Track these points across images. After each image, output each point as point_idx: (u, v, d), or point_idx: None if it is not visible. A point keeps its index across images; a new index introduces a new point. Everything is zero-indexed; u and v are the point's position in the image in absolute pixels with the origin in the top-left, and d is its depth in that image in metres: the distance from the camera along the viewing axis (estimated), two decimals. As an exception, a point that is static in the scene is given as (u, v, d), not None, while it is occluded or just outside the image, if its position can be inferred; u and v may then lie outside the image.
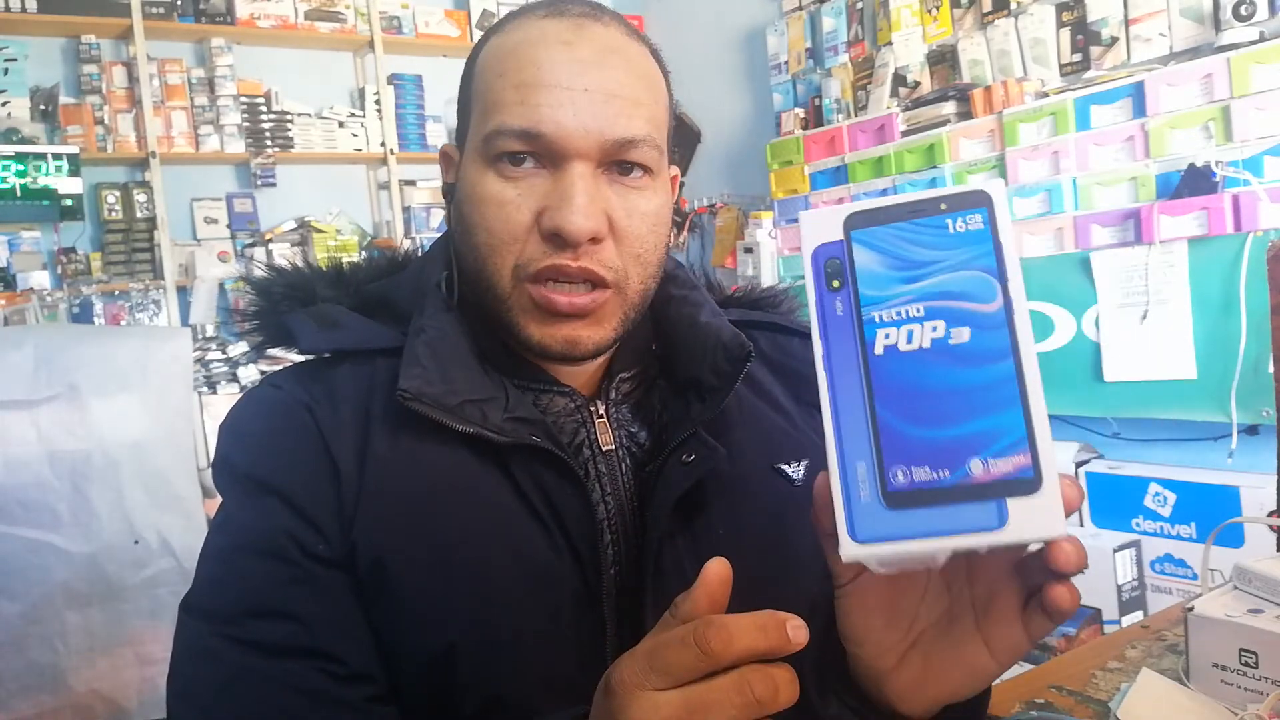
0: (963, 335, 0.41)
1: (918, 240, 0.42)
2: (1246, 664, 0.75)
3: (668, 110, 0.70)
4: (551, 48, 0.63)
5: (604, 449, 0.70)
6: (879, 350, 0.42)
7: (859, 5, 3.09)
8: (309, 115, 3.68)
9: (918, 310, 0.41)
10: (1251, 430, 2.11)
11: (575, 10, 0.66)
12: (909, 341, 0.41)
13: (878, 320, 0.42)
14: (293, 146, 3.62)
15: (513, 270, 0.65)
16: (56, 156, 3.08)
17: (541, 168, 0.64)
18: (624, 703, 0.42)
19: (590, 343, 0.66)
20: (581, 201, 0.62)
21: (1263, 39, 2.10)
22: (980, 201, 0.41)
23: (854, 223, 0.43)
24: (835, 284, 0.43)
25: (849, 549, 0.40)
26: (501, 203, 0.64)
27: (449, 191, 0.71)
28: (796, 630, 0.40)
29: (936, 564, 0.43)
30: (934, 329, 0.41)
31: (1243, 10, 2.12)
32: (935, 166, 2.70)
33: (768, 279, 3.19)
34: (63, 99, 3.23)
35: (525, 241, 0.64)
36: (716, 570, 0.44)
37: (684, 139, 3.62)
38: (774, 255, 3.24)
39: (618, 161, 0.65)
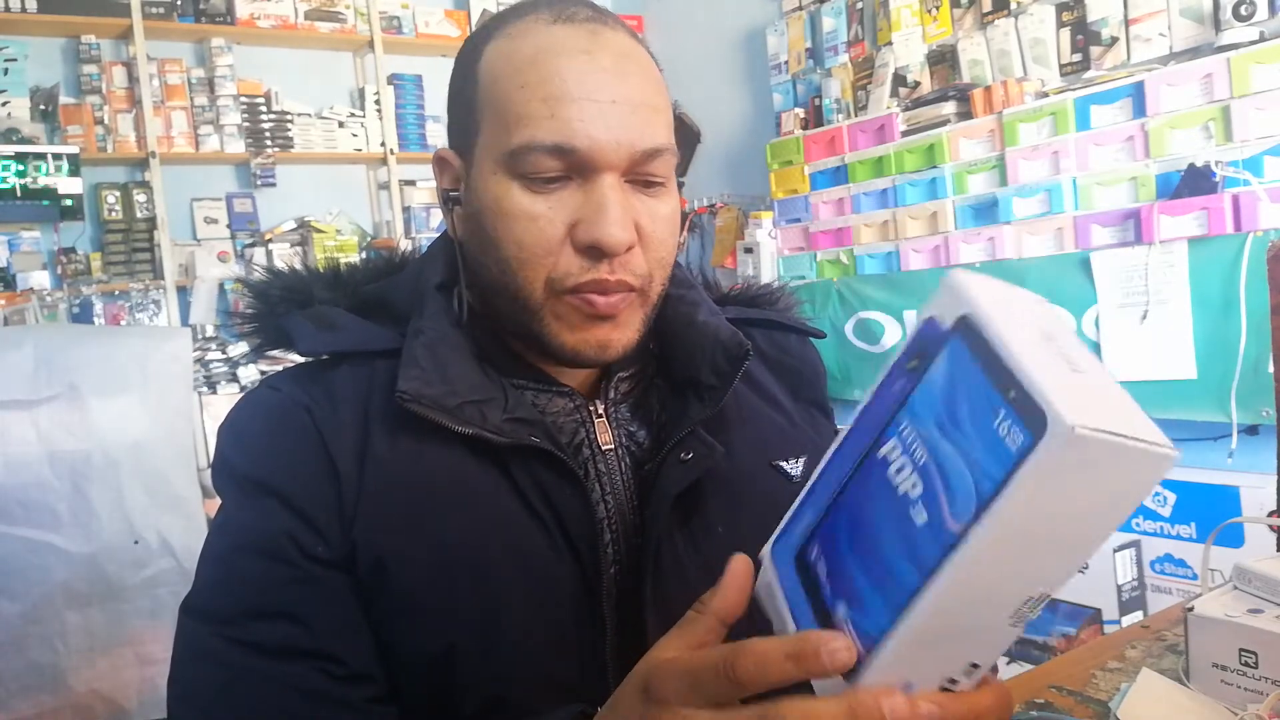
0: (920, 517, 0.37)
1: (973, 402, 0.36)
2: (1246, 664, 0.75)
3: (671, 110, 0.71)
4: (573, 57, 0.63)
5: (603, 448, 0.70)
6: (880, 454, 0.40)
7: (859, 5, 3.09)
8: (309, 115, 3.68)
9: (921, 457, 0.38)
10: (1251, 430, 2.11)
11: (582, 15, 0.65)
12: (895, 473, 0.39)
13: (900, 433, 0.39)
14: (293, 146, 3.62)
15: (546, 283, 0.64)
16: (56, 156, 3.08)
17: (570, 180, 0.64)
18: (661, 715, 0.43)
19: (620, 345, 0.67)
20: (617, 214, 0.62)
21: (1263, 39, 2.10)
22: (1034, 427, 0.32)
23: (966, 328, 0.37)
24: (912, 364, 0.40)
25: (765, 552, 0.46)
26: (533, 216, 0.63)
27: (449, 198, 0.71)
28: (835, 654, 0.38)
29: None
30: (914, 485, 0.38)
31: (1243, 10, 2.12)
32: (935, 166, 2.70)
33: (768, 279, 3.19)
34: (63, 99, 3.23)
35: (559, 255, 0.64)
36: (739, 567, 0.46)
37: (684, 139, 3.62)
38: (774, 255, 3.24)
39: (641, 169, 0.65)
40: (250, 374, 3.24)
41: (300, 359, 0.72)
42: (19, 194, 3.02)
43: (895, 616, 0.37)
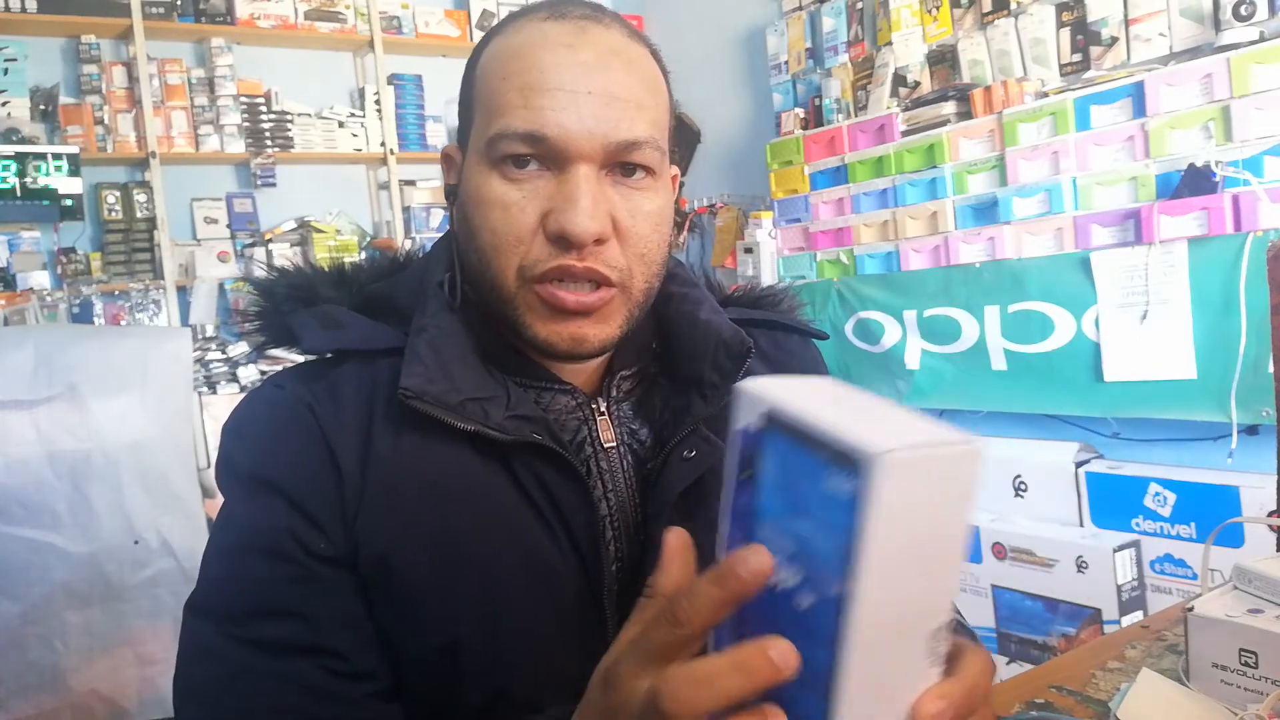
0: (806, 600, 0.37)
1: (804, 478, 0.37)
2: (1246, 664, 0.75)
3: (669, 111, 0.71)
4: (554, 50, 0.64)
5: (605, 446, 0.70)
6: None
7: (859, 5, 3.09)
8: (309, 115, 3.68)
9: (789, 545, 0.38)
10: (1251, 430, 2.11)
11: (576, 13, 0.66)
12: (774, 572, 0.38)
13: (764, 540, 0.39)
14: (293, 146, 3.62)
15: (518, 271, 0.65)
16: (56, 156, 3.08)
17: (545, 170, 0.64)
18: (606, 684, 0.42)
19: (596, 340, 0.67)
20: (586, 204, 0.63)
21: (1263, 39, 2.10)
22: (854, 469, 0.34)
23: (772, 421, 0.39)
24: (745, 475, 0.41)
25: None
26: (506, 205, 0.64)
27: (451, 193, 0.72)
28: (747, 561, 0.38)
29: None
30: (793, 575, 0.38)
31: (1243, 10, 2.12)
32: (935, 166, 2.70)
33: (768, 279, 3.20)
34: (63, 99, 3.23)
35: (530, 243, 0.64)
36: (674, 541, 0.44)
37: (684, 139, 3.62)
38: (774, 255, 3.24)
39: (620, 163, 0.65)
40: (250, 374, 3.24)
41: (303, 357, 0.72)
42: (19, 194, 3.02)
43: (827, 703, 0.37)
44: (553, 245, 0.64)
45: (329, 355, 0.71)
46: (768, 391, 0.40)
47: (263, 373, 3.18)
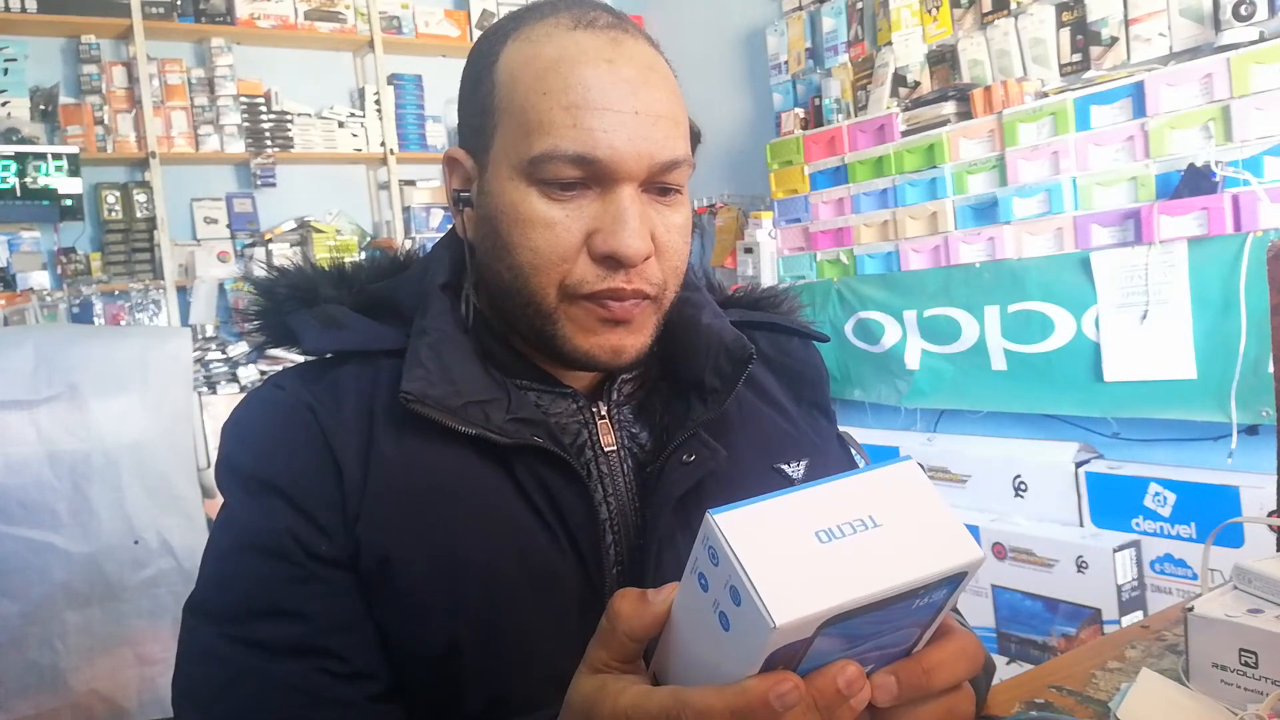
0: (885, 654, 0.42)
1: (882, 619, 0.38)
2: (1246, 664, 0.75)
3: (688, 120, 0.71)
4: (595, 66, 0.63)
5: (606, 450, 0.70)
6: None
7: (859, 5, 3.09)
8: (309, 115, 3.68)
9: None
10: (1251, 430, 2.11)
11: (603, 22, 0.65)
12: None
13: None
14: (292, 146, 3.62)
15: (559, 288, 0.65)
16: (56, 156, 3.08)
17: (588, 188, 0.64)
18: None
19: (633, 350, 0.67)
20: (635, 224, 0.63)
21: (1263, 39, 2.10)
22: (959, 577, 0.39)
23: (827, 623, 0.37)
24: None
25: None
26: (550, 224, 0.64)
27: (460, 200, 0.70)
28: (783, 697, 0.37)
29: None
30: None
31: (1243, 10, 2.12)
32: (935, 166, 2.70)
33: (768, 279, 3.20)
34: (63, 99, 3.23)
35: (574, 261, 0.64)
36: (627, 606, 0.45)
37: (684, 139, 3.62)
38: (774, 255, 3.24)
39: (657, 181, 0.65)
40: (250, 374, 3.24)
41: (303, 356, 0.72)
42: (19, 194, 3.02)
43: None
44: (599, 265, 0.64)
45: (329, 356, 0.70)
46: (799, 605, 0.36)
47: (263, 373, 3.18)
